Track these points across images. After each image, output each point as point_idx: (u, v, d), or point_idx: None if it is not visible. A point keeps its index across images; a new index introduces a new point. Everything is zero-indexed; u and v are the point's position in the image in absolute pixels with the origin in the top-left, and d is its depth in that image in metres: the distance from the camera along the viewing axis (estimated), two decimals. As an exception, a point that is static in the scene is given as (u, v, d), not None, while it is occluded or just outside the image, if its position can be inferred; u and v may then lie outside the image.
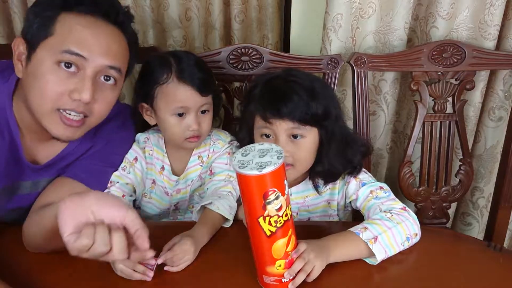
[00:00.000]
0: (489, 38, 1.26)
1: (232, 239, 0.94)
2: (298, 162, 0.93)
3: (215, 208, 0.93)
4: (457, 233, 1.42)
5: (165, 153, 1.08)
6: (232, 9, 1.43)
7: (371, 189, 0.96)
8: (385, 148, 1.49)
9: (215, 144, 1.08)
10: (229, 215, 0.95)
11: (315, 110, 0.90)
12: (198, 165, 1.08)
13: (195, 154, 1.08)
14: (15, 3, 1.44)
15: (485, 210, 1.49)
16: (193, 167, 1.08)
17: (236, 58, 1.23)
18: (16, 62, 0.87)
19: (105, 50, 0.85)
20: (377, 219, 0.87)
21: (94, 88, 0.85)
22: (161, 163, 1.08)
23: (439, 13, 1.25)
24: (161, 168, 1.08)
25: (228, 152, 1.07)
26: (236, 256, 0.86)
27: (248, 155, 0.70)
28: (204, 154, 1.08)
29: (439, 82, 1.25)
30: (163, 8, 1.43)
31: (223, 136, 1.10)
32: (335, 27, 1.24)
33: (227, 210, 0.95)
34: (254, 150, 0.71)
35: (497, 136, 1.40)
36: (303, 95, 0.90)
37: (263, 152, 0.70)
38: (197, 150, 1.08)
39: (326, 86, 1.03)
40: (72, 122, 0.86)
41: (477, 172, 1.44)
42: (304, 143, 0.92)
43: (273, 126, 0.91)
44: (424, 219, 1.34)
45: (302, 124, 0.89)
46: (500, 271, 0.87)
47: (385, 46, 1.31)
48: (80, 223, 0.65)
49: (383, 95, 1.39)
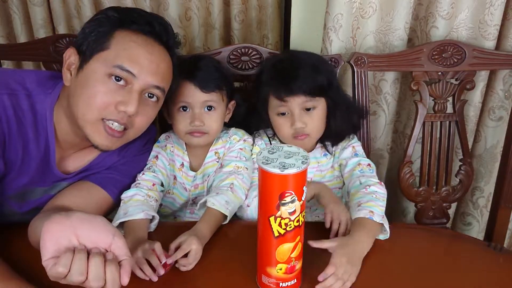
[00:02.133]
0: (489, 38, 1.26)
1: (232, 238, 0.95)
2: (313, 131, 1.04)
3: (211, 204, 0.95)
4: (457, 233, 1.42)
5: (185, 150, 1.12)
6: (232, 9, 1.43)
7: (360, 162, 1.07)
8: (386, 148, 1.49)
9: (230, 140, 1.11)
10: (226, 210, 0.95)
11: (320, 82, 1.02)
12: (215, 161, 1.11)
13: (212, 150, 1.11)
14: (15, 3, 1.44)
15: (485, 210, 1.49)
16: (210, 162, 1.11)
17: (236, 58, 1.23)
18: (65, 71, 0.91)
19: (155, 69, 0.89)
20: (369, 200, 0.94)
21: (139, 103, 0.88)
22: (181, 160, 1.12)
23: (439, 13, 1.25)
24: (180, 165, 1.12)
25: (241, 148, 1.09)
26: (237, 256, 0.86)
27: (274, 153, 0.71)
28: (220, 151, 1.11)
29: (439, 82, 1.25)
30: (163, 8, 1.43)
31: (240, 133, 1.12)
32: (335, 27, 1.24)
33: (223, 205, 0.95)
34: (281, 150, 0.72)
35: (497, 135, 1.40)
36: (308, 70, 1.02)
37: (289, 154, 0.71)
38: (214, 147, 1.11)
39: (324, 61, 1.14)
40: (114, 132, 0.89)
41: (477, 172, 1.44)
42: (316, 113, 1.04)
43: (288, 104, 1.02)
44: (424, 219, 1.34)
45: (312, 96, 1.01)
46: (500, 271, 0.87)
47: (386, 46, 1.31)
48: (62, 247, 0.65)
49: (383, 95, 1.39)
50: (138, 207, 0.94)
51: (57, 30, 1.47)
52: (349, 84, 1.27)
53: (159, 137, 1.16)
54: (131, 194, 0.99)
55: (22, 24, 1.47)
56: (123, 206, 0.96)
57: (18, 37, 1.49)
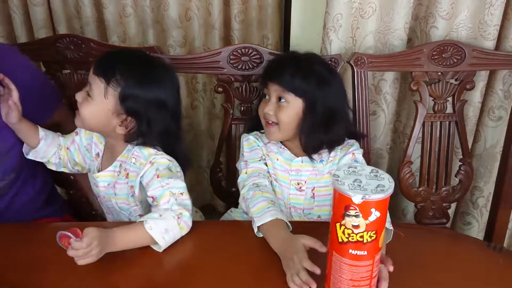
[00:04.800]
0: (488, 38, 1.26)
1: (235, 239, 0.95)
2: (280, 122, 1.06)
3: (148, 227, 0.85)
4: (457, 233, 1.42)
5: (104, 140, 1.08)
6: (232, 9, 1.43)
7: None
8: (385, 148, 1.49)
9: (135, 164, 1.00)
10: (161, 239, 0.85)
11: (299, 82, 1.04)
12: (116, 172, 1.03)
13: (118, 160, 1.03)
14: (15, 3, 1.44)
15: (485, 209, 1.49)
16: (112, 171, 1.03)
17: (236, 58, 1.23)
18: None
19: None
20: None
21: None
22: (97, 150, 1.08)
23: (439, 13, 1.25)
24: (96, 154, 1.08)
25: (158, 175, 0.95)
26: (239, 257, 0.87)
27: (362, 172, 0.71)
28: (123, 165, 1.02)
29: (439, 82, 1.25)
30: (163, 8, 1.44)
31: (145, 154, 0.99)
32: (335, 27, 1.24)
33: (160, 233, 0.85)
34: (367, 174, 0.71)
35: (496, 135, 1.40)
36: (293, 68, 1.06)
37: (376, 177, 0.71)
38: (120, 157, 1.02)
39: (330, 72, 1.11)
40: None
41: (476, 172, 1.44)
42: (286, 107, 1.05)
43: (268, 87, 1.08)
44: (424, 219, 1.34)
45: (287, 90, 1.05)
46: (500, 271, 0.87)
47: (385, 46, 1.31)
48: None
49: (383, 95, 1.39)
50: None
51: (58, 30, 1.48)
52: (349, 84, 1.28)
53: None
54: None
55: (23, 24, 1.47)
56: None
57: (19, 37, 1.49)
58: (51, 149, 1.09)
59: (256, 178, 1.04)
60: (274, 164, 1.10)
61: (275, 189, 1.08)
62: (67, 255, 0.77)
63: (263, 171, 1.07)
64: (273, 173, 1.09)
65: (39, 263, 0.85)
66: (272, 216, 0.90)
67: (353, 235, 0.69)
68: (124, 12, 1.41)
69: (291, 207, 1.10)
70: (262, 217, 0.91)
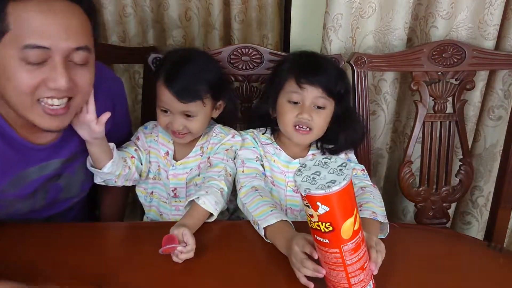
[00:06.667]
0: (488, 38, 1.26)
1: (235, 239, 0.95)
2: (316, 128, 1.04)
3: (201, 203, 0.96)
4: (457, 233, 1.42)
5: (171, 139, 1.12)
6: (232, 9, 1.43)
7: (354, 167, 1.09)
8: (385, 148, 1.49)
9: (216, 137, 1.11)
10: (214, 211, 0.97)
11: (340, 86, 1.05)
12: (199, 155, 1.12)
13: (198, 145, 1.12)
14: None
15: (485, 209, 1.49)
16: (194, 157, 1.12)
17: (237, 58, 1.23)
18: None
19: (66, 32, 0.79)
20: (368, 201, 0.96)
21: (68, 71, 0.81)
22: (165, 149, 1.13)
23: (439, 13, 1.25)
24: (165, 153, 1.12)
25: (227, 149, 1.09)
26: (236, 256, 0.87)
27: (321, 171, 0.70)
28: (205, 145, 1.12)
29: (439, 82, 1.25)
30: (163, 8, 1.43)
31: (226, 130, 1.13)
32: (335, 27, 1.24)
33: (212, 205, 0.96)
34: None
35: (496, 135, 1.40)
36: (333, 71, 1.06)
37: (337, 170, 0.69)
38: (200, 142, 1.12)
39: (345, 74, 1.15)
40: (57, 111, 0.84)
41: (476, 171, 1.44)
42: (324, 113, 1.04)
43: (304, 91, 1.02)
44: (424, 219, 1.34)
45: (328, 94, 1.02)
46: (500, 271, 0.87)
47: (385, 46, 1.31)
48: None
49: (383, 95, 1.39)
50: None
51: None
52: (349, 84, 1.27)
53: (147, 123, 1.18)
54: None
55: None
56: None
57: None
58: (119, 164, 1.05)
59: (254, 180, 1.04)
60: (271, 166, 1.10)
61: (271, 191, 1.08)
62: (68, 255, 0.76)
63: (259, 172, 1.08)
64: (270, 175, 1.09)
65: (39, 262, 0.85)
66: (276, 218, 0.91)
67: (312, 223, 0.70)
68: (124, 12, 1.41)
69: (287, 208, 1.10)
70: (267, 219, 0.91)
